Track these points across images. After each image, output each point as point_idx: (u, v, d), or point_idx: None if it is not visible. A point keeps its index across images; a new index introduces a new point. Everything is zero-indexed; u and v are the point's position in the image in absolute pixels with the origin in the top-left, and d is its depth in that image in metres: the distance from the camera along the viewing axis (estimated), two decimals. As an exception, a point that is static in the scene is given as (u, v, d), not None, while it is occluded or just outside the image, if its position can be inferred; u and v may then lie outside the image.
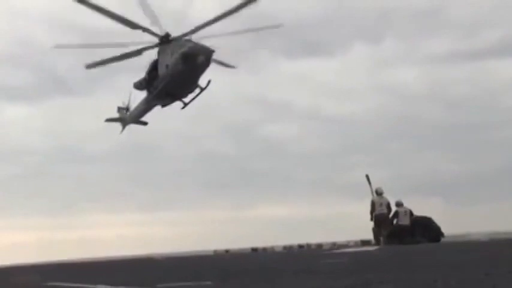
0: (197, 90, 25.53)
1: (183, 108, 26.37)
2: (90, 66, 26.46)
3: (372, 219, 24.05)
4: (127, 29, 23.57)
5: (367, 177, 25.58)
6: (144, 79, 26.88)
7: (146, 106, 28.34)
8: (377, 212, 23.79)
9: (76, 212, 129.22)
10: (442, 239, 24.16)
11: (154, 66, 26.14)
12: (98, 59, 25.75)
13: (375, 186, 24.85)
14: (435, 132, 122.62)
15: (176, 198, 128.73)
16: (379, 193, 24.29)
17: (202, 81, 25.28)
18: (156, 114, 28.90)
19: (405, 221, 23.42)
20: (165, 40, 25.16)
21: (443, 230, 24.36)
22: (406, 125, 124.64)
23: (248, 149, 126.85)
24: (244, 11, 23.83)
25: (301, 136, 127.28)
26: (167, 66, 24.99)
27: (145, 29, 24.17)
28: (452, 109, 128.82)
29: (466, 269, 7.06)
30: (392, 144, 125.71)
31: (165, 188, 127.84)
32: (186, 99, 26.13)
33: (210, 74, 25.59)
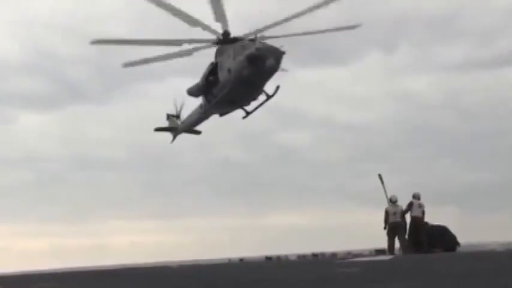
0: (261, 97, 22.68)
1: (244, 117, 23.60)
2: (128, 64, 23.71)
3: (385, 228, 23.94)
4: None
5: (380, 177, 25.39)
6: (202, 85, 23.69)
7: (203, 115, 25.37)
8: (391, 220, 23.70)
9: (90, 219, 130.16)
10: (458, 248, 23.99)
11: (212, 71, 23.15)
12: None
13: (388, 193, 24.75)
14: (449, 140, 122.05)
15: (190, 205, 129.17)
16: (393, 201, 24.16)
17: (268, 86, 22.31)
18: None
19: (417, 212, 23.46)
20: (223, 40, 22.38)
21: (459, 238, 24.23)
22: (420, 133, 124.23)
23: (262, 156, 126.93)
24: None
25: (315, 144, 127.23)
26: (229, 70, 21.93)
27: (191, 41, 21.76)
28: (466, 117, 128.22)
29: (483, 279, 7.01)
30: (406, 152, 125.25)
31: (180, 195, 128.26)
32: (249, 108, 23.34)
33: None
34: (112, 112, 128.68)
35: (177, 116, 27.46)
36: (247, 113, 23.42)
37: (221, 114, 24.55)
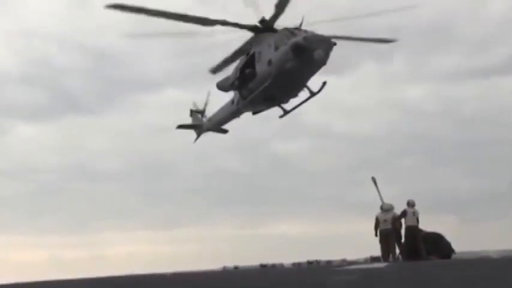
0: (302, 94, 20.39)
1: (282, 116, 21.01)
2: (215, 70, 22.08)
3: (376, 235, 23.91)
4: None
5: (374, 180, 25.28)
6: (236, 78, 21.20)
7: (235, 112, 22.73)
8: (381, 228, 23.65)
9: (87, 230, 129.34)
10: (453, 255, 23.95)
11: (248, 63, 20.65)
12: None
13: (384, 199, 24.68)
14: (446, 149, 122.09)
15: (186, 215, 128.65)
16: (384, 209, 24.06)
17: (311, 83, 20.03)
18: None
19: (412, 221, 22.97)
20: (260, 29, 20.04)
21: (455, 246, 24.18)
22: (417, 142, 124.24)
23: (258, 166, 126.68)
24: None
25: (311, 153, 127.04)
26: (270, 62, 19.29)
27: (225, 23, 19.39)
28: (463, 126, 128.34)
29: (479, 286, 6.95)
30: (403, 161, 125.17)
31: (176, 205, 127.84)
32: (287, 106, 20.83)
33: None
34: (109, 122, 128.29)
35: (202, 112, 25.56)
36: (285, 112, 20.93)
37: (254, 113, 22.06)
